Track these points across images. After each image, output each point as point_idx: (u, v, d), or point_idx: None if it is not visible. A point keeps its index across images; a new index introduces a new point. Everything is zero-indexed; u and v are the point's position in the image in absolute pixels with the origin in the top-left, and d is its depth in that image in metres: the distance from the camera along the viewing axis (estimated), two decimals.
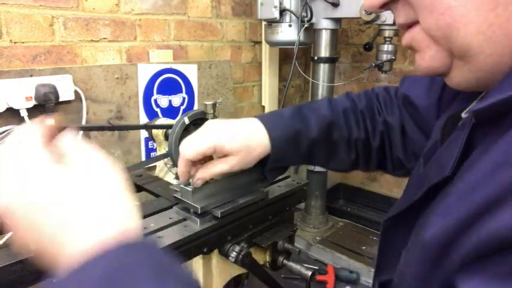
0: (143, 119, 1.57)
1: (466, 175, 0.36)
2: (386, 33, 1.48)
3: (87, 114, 1.40)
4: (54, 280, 0.32)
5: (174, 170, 1.05)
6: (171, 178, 1.08)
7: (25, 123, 1.21)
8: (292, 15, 1.60)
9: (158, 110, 1.62)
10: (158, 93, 1.60)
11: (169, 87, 1.64)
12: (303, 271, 0.83)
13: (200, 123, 0.89)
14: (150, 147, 1.60)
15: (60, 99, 1.27)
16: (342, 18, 1.67)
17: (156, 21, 1.58)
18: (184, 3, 1.66)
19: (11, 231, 0.36)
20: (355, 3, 1.48)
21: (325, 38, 1.67)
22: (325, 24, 1.64)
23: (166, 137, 1.10)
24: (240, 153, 0.65)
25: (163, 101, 1.63)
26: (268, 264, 0.86)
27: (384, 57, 1.55)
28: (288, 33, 1.63)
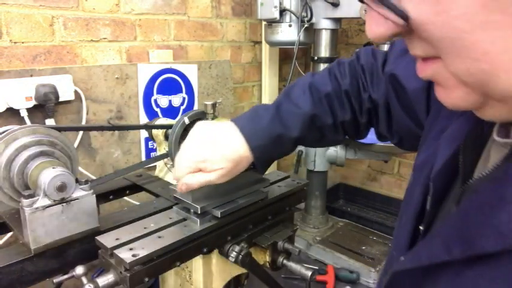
0: (143, 119, 1.57)
1: None
2: None
3: (87, 114, 1.40)
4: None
5: None
6: (171, 178, 1.08)
7: (25, 124, 1.21)
8: (292, 15, 1.60)
9: (158, 110, 1.62)
10: (158, 93, 1.60)
11: (169, 87, 1.64)
12: (303, 271, 0.83)
13: None
14: (150, 147, 1.60)
15: (60, 99, 1.27)
16: (342, 18, 1.66)
17: (156, 21, 1.58)
18: (184, 3, 1.66)
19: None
20: (355, 3, 1.48)
21: (325, 38, 1.67)
22: (325, 24, 1.64)
23: (166, 137, 1.10)
24: (225, 168, 0.68)
25: (163, 101, 1.63)
26: (268, 264, 0.86)
27: None
28: (288, 33, 1.63)
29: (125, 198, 1.10)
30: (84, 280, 0.66)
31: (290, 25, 1.62)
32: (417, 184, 0.50)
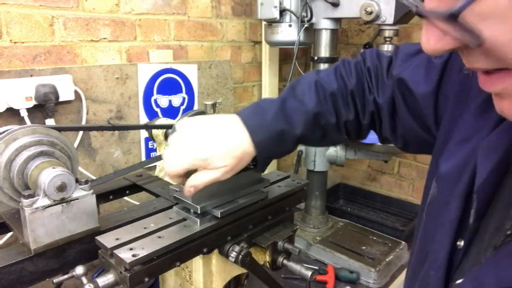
0: (143, 119, 1.57)
1: None
2: (386, 33, 1.48)
3: (87, 114, 1.40)
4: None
5: None
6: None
7: (25, 124, 1.21)
8: (292, 15, 1.60)
9: (158, 110, 1.62)
10: (158, 93, 1.60)
11: (169, 87, 1.64)
12: (303, 271, 0.83)
13: None
14: (150, 147, 1.60)
15: (60, 99, 1.27)
16: (342, 18, 1.66)
17: (156, 21, 1.58)
18: (184, 3, 1.66)
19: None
20: (355, 3, 1.48)
21: (325, 38, 1.67)
22: (325, 24, 1.64)
23: (166, 137, 1.10)
24: (227, 166, 0.65)
25: (163, 101, 1.63)
26: (268, 264, 0.86)
27: None
28: (288, 33, 1.63)
29: (125, 198, 1.10)
30: (84, 280, 0.66)
31: (290, 25, 1.62)
32: (449, 196, 0.48)
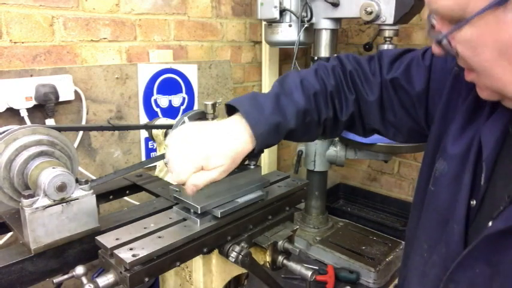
0: (143, 119, 1.57)
1: None
2: (386, 33, 1.48)
3: (87, 114, 1.40)
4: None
5: None
6: (171, 178, 1.08)
7: (25, 124, 1.21)
8: (292, 15, 1.60)
9: (158, 110, 1.62)
10: (158, 93, 1.60)
11: (169, 87, 1.64)
12: (303, 271, 0.83)
13: None
14: (150, 147, 1.60)
15: (60, 99, 1.27)
16: (342, 18, 1.66)
17: (156, 21, 1.58)
18: (184, 3, 1.66)
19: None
20: (355, 3, 1.48)
21: (325, 38, 1.67)
22: (325, 24, 1.64)
23: (166, 137, 1.10)
24: (228, 164, 0.69)
25: (163, 101, 1.63)
26: (268, 264, 0.86)
27: None
28: (288, 33, 1.63)
29: (125, 198, 1.10)
30: (84, 280, 0.66)
31: (290, 25, 1.62)
32: (460, 169, 0.63)
